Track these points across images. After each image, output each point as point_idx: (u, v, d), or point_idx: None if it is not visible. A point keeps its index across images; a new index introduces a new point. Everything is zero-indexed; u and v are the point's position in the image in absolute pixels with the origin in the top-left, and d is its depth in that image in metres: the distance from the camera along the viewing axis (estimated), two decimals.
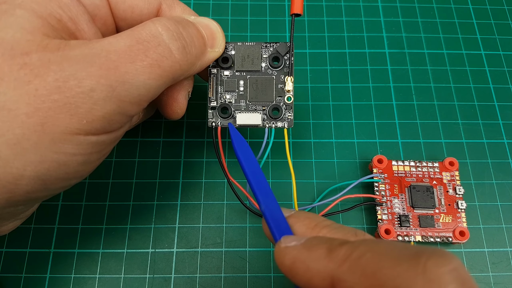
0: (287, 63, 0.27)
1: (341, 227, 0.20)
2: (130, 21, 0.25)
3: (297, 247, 0.18)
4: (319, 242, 0.18)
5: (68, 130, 0.19)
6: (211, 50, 0.25)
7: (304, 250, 0.18)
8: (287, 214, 0.21)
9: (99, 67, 0.19)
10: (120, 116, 0.21)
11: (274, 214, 0.21)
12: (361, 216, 0.31)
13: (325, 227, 0.20)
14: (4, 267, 0.29)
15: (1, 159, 0.18)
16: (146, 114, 0.31)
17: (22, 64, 0.18)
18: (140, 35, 0.21)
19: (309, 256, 0.17)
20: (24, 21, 0.19)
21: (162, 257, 0.30)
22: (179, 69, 0.22)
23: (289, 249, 0.18)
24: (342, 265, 0.16)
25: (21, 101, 0.18)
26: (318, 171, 0.33)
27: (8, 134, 0.18)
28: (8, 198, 0.19)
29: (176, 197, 0.31)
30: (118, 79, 0.20)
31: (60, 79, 0.18)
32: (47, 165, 0.19)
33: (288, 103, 0.27)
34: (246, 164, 0.23)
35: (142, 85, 0.21)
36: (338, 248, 0.17)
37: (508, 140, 0.34)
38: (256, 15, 0.38)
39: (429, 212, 0.30)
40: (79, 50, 0.19)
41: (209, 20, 0.25)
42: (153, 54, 0.21)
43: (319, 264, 0.17)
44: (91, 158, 0.21)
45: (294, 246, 0.18)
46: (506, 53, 0.38)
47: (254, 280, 0.29)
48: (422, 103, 0.35)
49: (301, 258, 0.18)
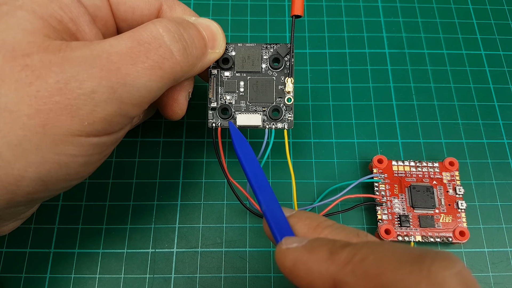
0: (287, 64, 0.27)
1: (343, 228, 0.20)
2: (130, 22, 0.25)
3: (298, 248, 0.18)
4: (320, 244, 0.18)
5: (69, 132, 0.19)
6: (212, 51, 0.25)
7: (305, 252, 0.18)
8: (288, 214, 0.21)
9: (100, 68, 0.19)
10: (121, 117, 0.21)
11: (275, 214, 0.21)
12: (361, 216, 0.31)
13: (327, 228, 0.20)
14: (4, 267, 0.29)
15: (2, 160, 0.18)
16: (147, 114, 0.31)
17: (23, 65, 0.18)
18: (141, 36, 0.21)
19: (310, 258, 0.17)
20: (25, 23, 0.19)
21: (162, 257, 0.30)
22: (180, 70, 0.22)
23: (291, 250, 0.18)
24: (345, 267, 0.16)
25: (22, 102, 0.18)
26: (318, 171, 0.33)
27: (10, 136, 0.18)
28: (9, 199, 0.19)
29: (176, 197, 0.32)
30: (119, 81, 0.20)
31: (61, 80, 0.18)
32: (48, 166, 0.19)
33: (288, 104, 0.27)
34: (246, 164, 0.23)
35: (143, 87, 0.21)
36: (340, 250, 0.17)
37: (508, 140, 0.34)
38: (256, 15, 0.38)
39: (429, 212, 0.30)
40: (80, 52, 0.19)
41: (210, 21, 0.25)
42: (154, 56, 0.21)
43: (321, 266, 0.17)
44: (92, 159, 0.21)
45: (296, 247, 0.18)
46: (506, 53, 0.38)
47: (254, 280, 0.29)
48: (422, 103, 0.35)
49: (303, 260, 0.18)
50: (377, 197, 0.30)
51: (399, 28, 0.38)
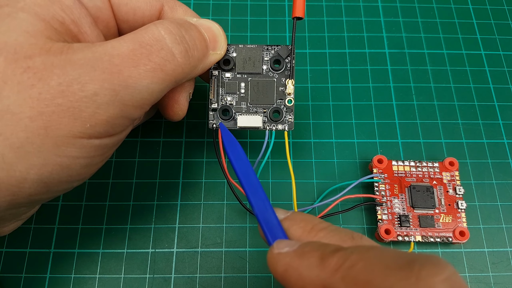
0: (288, 66, 0.27)
1: (337, 230, 0.20)
2: (132, 23, 0.25)
3: (289, 254, 0.18)
4: (311, 249, 0.18)
5: (71, 134, 0.19)
6: (213, 52, 0.25)
7: (296, 258, 0.18)
8: (283, 216, 0.21)
9: (102, 71, 0.19)
10: (123, 119, 0.21)
11: (267, 217, 0.21)
12: (361, 216, 0.31)
13: (322, 230, 0.20)
14: (4, 267, 0.29)
15: (4, 162, 0.18)
16: (147, 115, 0.31)
17: (26, 67, 0.18)
18: (143, 38, 0.21)
19: (301, 264, 0.17)
20: (27, 24, 0.19)
21: (162, 257, 0.30)
22: (181, 72, 0.22)
23: (282, 255, 0.18)
24: (335, 274, 0.16)
25: (24, 104, 0.18)
26: (318, 171, 0.33)
27: (12, 138, 0.18)
28: (11, 201, 0.19)
29: (176, 197, 0.32)
30: (121, 83, 0.20)
31: (63, 83, 0.18)
32: (50, 168, 0.19)
33: (289, 106, 0.27)
34: (237, 167, 0.23)
35: (145, 89, 0.21)
36: (330, 256, 0.17)
37: (508, 140, 0.34)
38: (256, 15, 0.38)
39: (429, 212, 0.30)
40: (82, 54, 0.19)
41: (211, 22, 0.25)
42: (156, 58, 0.21)
43: (311, 273, 0.17)
44: (94, 161, 0.21)
45: (287, 252, 0.18)
46: (506, 53, 0.38)
47: (254, 280, 0.29)
48: (422, 103, 0.35)
49: (294, 265, 0.17)
50: (377, 197, 0.30)
51: (399, 28, 0.38)
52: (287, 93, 0.27)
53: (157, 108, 0.30)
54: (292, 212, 0.22)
